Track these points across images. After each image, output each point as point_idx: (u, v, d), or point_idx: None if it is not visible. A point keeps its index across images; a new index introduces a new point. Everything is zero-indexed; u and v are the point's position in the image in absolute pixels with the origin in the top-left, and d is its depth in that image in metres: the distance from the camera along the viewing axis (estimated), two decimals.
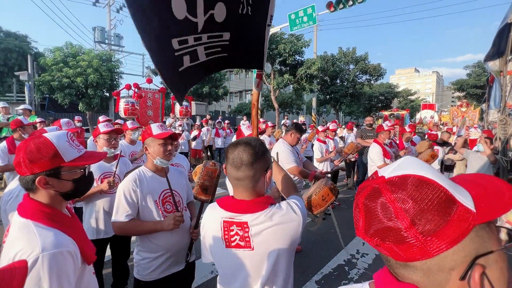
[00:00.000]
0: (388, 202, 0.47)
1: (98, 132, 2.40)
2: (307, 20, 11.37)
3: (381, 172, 0.52)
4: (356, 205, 0.54)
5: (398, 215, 0.45)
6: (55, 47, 14.46)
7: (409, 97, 40.68)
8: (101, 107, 15.76)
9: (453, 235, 0.43)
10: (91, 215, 2.26)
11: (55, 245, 0.87)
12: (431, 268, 0.45)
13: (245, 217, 1.06)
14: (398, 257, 0.47)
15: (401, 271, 0.49)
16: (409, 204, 0.45)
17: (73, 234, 0.96)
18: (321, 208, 1.81)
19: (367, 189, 0.52)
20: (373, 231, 0.49)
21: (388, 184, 0.49)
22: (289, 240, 1.08)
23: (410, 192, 0.46)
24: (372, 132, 6.04)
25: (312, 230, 4.40)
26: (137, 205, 1.62)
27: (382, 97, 30.55)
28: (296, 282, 3.05)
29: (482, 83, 27.77)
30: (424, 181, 0.46)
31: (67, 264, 0.89)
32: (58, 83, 13.46)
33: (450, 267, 0.44)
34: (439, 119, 17.90)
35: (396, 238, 0.46)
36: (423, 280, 0.47)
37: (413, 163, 0.50)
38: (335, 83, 23.87)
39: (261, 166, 1.08)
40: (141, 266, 1.66)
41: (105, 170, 2.35)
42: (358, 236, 0.54)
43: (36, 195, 0.98)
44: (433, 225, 0.43)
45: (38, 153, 0.94)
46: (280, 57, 15.75)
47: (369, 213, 0.49)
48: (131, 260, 3.06)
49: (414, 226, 0.44)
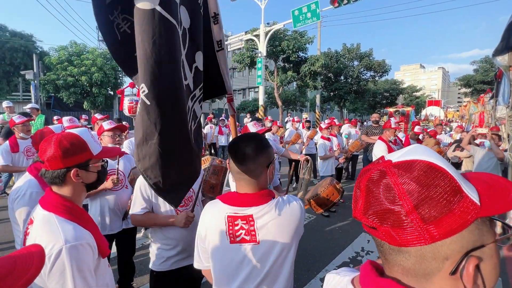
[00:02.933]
0: (392, 184, 0.46)
1: (102, 130, 2.41)
2: (311, 16, 11.23)
3: (388, 157, 0.51)
4: (358, 186, 0.53)
5: (402, 198, 0.45)
6: (59, 46, 14.59)
7: (414, 93, 40.23)
8: (106, 106, 15.89)
9: (453, 225, 0.43)
10: (96, 211, 2.28)
11: (76, 237, 0.94)
12: (425, 255, 0.45)
13: (250, 210, 1.06)
14: (393, 241, 0.47)
15: (394, 257, 0.49)
16: (414, 188, 0.44)
17: (89, 228, 1.03)
18: (326, 207, 1.81)
19: (371, 171, 0.51)
20: (371, 212, 0.48)
21: (395, 167, 0.48)
22: (293, 233, 1.09)
23: (418, 176, 0.45)
24: (378, 129, 5.97)
25: (317, 228, 4.39)
26: (151, 199, 1.72)
27: (387, 93, 30.24)
28: (300, 279, 3.06)
29: (489, 79, 27.29)
30: (433, 168, 0.46)
31: (87, 255, 0.96)
32: (63, 82, 13.61)
33: (445, 256, 0.44)
34: (445, 116, 17.67)
35: (395, 221, 0.45)
36: (415, 267, 0.46)
37: (423, 150, 0.49)
38: (339, 80, 23.68)
39: (264, 160, 1.10)
40: (155, 256, 1.76)
41: (110, 167, 2.34)
42: (355, 217, 0.53)
43: (61, 189, 1.05)
44: (436, 212, 0.43)
45: (72, 147, 1.03)
46: (284, 54, 15.67)
47: (371, 194, 0.49)
48: (136, 258, 3.09)
49: (417, 210, 0.44)
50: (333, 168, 5.13)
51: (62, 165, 1.02)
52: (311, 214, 4.78)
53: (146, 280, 2.96)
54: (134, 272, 2.68)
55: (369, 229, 0.51)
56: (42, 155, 1.03)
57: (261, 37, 12.82)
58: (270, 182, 1.15)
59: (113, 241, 2.42)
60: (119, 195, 2.33)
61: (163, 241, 1.75)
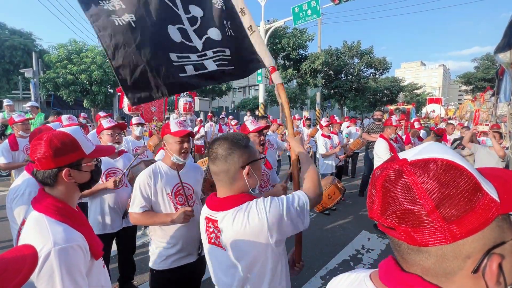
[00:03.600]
0: (411, 184, 0.45)
1: (102, 128, 2.40)
2: (311, 13, 11.14)
3: (403, 155, 0.50)
4: (373, 186, 0.51)
5: (422, 198, 0.44)
6: (59, 44, 14.52)
7: (415, 91, 40.10)
8: (106, 104, 15.86)
9: (475, 223, 0.42)
10: (96, 210, 2.28)
11: (66, 239, 0.91)
12: (446, 254, 0.44)
13: (218, 214, 1.04)
14: (412, 241, 0.46)
15: (413, 257, 0.48)
16: (435, 187, 0.44)
17: (82, 229, 1.00)
18: (327, 206, 1.80)
19: (387, 170, 0.49)
20: (390, 213, 0.47)
21: (412, 166, 0.47)
22: (260, 244, 0.99)
23: (437, 175, 0.44)
24: (379, 127, 5.96)
25: (317, 226, 4.39)
26: (150, 198, 1.72)
27: (388, 91, 30.14)
28: (301, 277, 3.06)
29: (490, 76, 27.16)
30: (452, 166, 0.45)
31: (78, 257, 0.93)
32: (62, 80, 13.56)
33: (467, 255, 0.43)
34: (445, 113, 17.63)
35: (415, 221, 0.44)
36: (435, 267, 0.46)
37: (439, 147, 0.49)
38: (340, 78, 23.58)
39: (237, 160, 1.04)
40: (155, 255, 1.76)
41: (109, 166, 2.35)
42: (371, 218, 0.52)
43: (53, 189, 1.02)
44: (457, 211, 0.42)
45: (63, 147, 1.00)
46: (284, 51, 15.59)
47: (388, 194, 0.48)
48: (136, 256, 3.09)
49: (438, 210, 0.43)
50: (334, 166, 5.12)
51: (53, 164, 0.99)
52: (312, 212, 4.78)
53: (146, 278, 2.96)
54: (135, 270, 2.68)
55: (386, 229, 0.50)
56: (32, 155, 1.00)
57: (261, 34, 12.75)
58: (252, 186, 1.09)
59: (114, 239, 2.42)
60: (119, 194, 2.32)
61: (163, 239, 1.75)
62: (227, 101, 34.46)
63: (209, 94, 19.53)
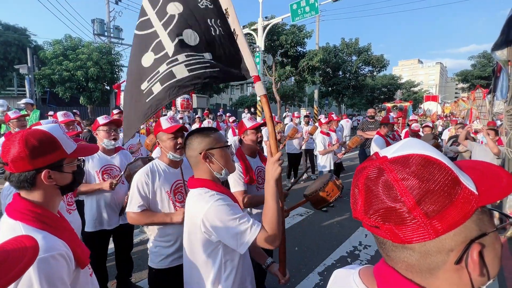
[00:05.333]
0: (392, 181, 0.45)
1: (98, 125, 2.37)
2: (309, 10, 11.09)
3: (383, 153, 0.50)
4: (355, 185, 0.51)
5: (403, 195, 0.44)
6: (54, 40, 14.33)
7: (412, 88, 40.26)
8: (102, 101, 15.72)
9: (456, 217, 0.43)
10: (92, 207, 2.26)
11: (45, 249, 0.82)
12: (430, 250, 0.44)
13: (190, 191, 1.28)
14: (396, 238, 0.46)
15: (397, 254, 0.48)
16: (415, 183, 0.43)
17: (64, 236, 0.92)
18: (325, 203, 1.80)
19: (368, 168, 0.50)
20: (373, 212, 0.47)
21: (391, 163, 0.47)
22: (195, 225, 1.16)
23: (416, 171, 0.44)
24: (373, 124, 5.99)
25: (315, 222, 4.41)
26: (148, 197, 1.70)
27: (385, 88, 30.21)
28: (299, 273, 3.08)
29: (487, 74, 27.35)
30: (430, 161, 0.45)
31: (60, 267, 0.84)
32: (58, 77, 13.40)
33: (450, 248, 0.44)
34: (442, 111, 17.71)
35: (398, 218, 0.44)
36: (419, 263, 0.46)
37: (417, 144, 0.49)
38: (337, 75, 23.57)
39: (196, 147, 1.23)
40: (154, 254, 1.75)
41: (106, 162, 2.33)
42: (355, 218, 0.51)
43: (31, 194, 0.93)
44: (438, 206, 0.42)
45: (41, 147, 0.90)
46: (282, 48, 15.54)
47: (370, 193, 0.48)
48: (134, 253, 3.09)
49: (419, 206, 0.43)
50: (332, 163, 5.14)
51: (31, 166, 0.89)
52: (309, 209, 4.80)
53: (144, 275, 2.95)
54: (133, 267, 2.67)
55: (371, 228, 0.50)
56: (4, 156, 0.88)
57: (259, 31, 12.68)
58: (216, 170, 1.25)
59: (110, 236, 2.41)
60: (115, 191, 2.30)
61: (161, 238, 1.73)
62: (224, 98, 34.34)
63: (207, 91, 19.43)
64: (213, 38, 1.38)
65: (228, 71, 1.40)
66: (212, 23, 1.39)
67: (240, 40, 1.40)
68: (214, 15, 1.41)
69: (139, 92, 1.35)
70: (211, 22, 1.39)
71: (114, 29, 19.01)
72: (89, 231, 2.27)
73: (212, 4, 1.41)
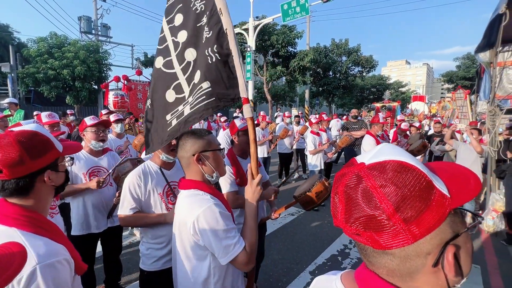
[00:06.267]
0: (371, 189, 0.46)
1: (85, 125, 2.31)
2: (300, 10, 11.15)
3: (360, 159, 0.51)
4: (335, 193, 0.52)
5: (382, 202, 0.44)
6: (38, 37, 13.86)
7: (400, 89, 41.11)
8: (90, 100, 15.34)
9: (432, 221, 0.44)
10: (79, 210, 2.20)
11: (50, 254, 0.79)
12: (409, 254, 0.45)
13: (180, 192, 1.26)
14: (377, 245, 0.46)
15: (378, 260, 0.49)
16: (392, 190, 0.44)
17: (63, 242, 0.88)
18: (314, 204, 1.80)
19: (346, 176, 0.50)
20: (353, 220, 0.47)
21: (369, 169, 0.48)
22: (185, 227, 1.13)
23: (393, 178, 0.45)
24: (357, 124, 6.14)
25: (305, 222, 4.44)
26: (141, 199, 1.67)
27: (374, 89, 30.73)
28: (290, 272, 3.09)
29: (471, 75, 28.21)
30: (405, 167, 0.46)
31: (65, 272, 0.83)
32: (43, 75, 12.97)
33: (427, 252, 0.45)
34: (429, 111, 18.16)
35: (377, 225, 0.45)
36: (399, 267, 0.47)
37: (392, 149, 0.50)
38: (328, 75, 23.82)
39: (189, 149, 1.21)
40: (145, 256, 1.71)
41: (93, 164, 2.27)
42: (337, 226, 0.52)
43: (25, 199, 0.86)
44: (415, 211, 0.43)
45: (38, 147, 0.86)
46: (273, 48, 15.57)
47: (350, 201, 0.48)
48: (122, 256, 3.03)
49: (398, 212, 0.43)
50: (322, 162, 5.18)
51: (31, 169, 0.84)
52: (300, 209, 4.83)
53: (133, 278, 2.90)
54: (121, 271, 2.62)
55: (352, 235, 0.50)
56: None
57: (250, 31, 12.66)
58: (208, 173, 1.23)
59: (98, 240, 2.36)
60: (103, 193, 2.25)
61: (153, 240, 1.70)
62: None
63: None
64: (210, 66, 1.38)
65: (224, 94, 1.38)
66: (209, 52, 1.37)
67: (235, 61, 1.35)
68: (210, 43, 1.37)
69: (165, 122, 1.50)
70: (207, 51, 1.38)
71: (102, 27, 18.59)
72: (75, 235, 2.21)
73: (210, 32, 1.38)
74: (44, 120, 2.87)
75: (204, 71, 1.39)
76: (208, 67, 1.38)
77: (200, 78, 1.41)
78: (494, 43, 3.64)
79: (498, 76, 3.85)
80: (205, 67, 1.39)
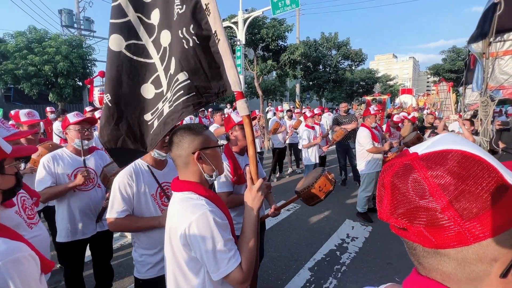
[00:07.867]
0: (422, 179, 0.41)
1: (68, 123, 2.12)
2: (290, 3, 10.96)
3: (413, 149, 0.46)
4: (381, 183, 0.47)
5: (434, 193, 0.39)
6: (16, 31, 13.14)
7: (388, 82, 41.72)
8: (74, 97, 14.75)
9: (499, 221, 0.37)
10: (64, 215, 2.04)
11: (13, 250, 0.75)
12: (468, 257, 0.39)
13: (173, 194, 1.13)
14: (428, 243, 0.41)
15: (430, 261, 0.43)
16: (448, 181, 0.39)
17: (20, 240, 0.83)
18: (318, 199, 1.73)
19: (395, 166, 0.46)
20: (400, 212, 0.42)
21: (422, 160, 0.43)
22: (177, 241, 0.99)
23: (451, 168, 0.40)
24: (347, 118, 6.15)
25: (302, 217, 4.40)
26: (132, 200, 1.55)
27: (363, 82, 31.01)
28: (289, 270, 3.03)
29: (456, 68, 28.84)
30: (469, 157, 0.40)
31: (32, 268, 0.79)
32: (23, 72, 12.33)
33: (493, 258, 0.38)
34: (416, 104, 18.50)
35: (428, 219, 0.39)
36: (456, 272, 0.40)
37: (454, 138, 0.44)
38: (318, 69, 23.83)
39: (187, 146, 1.07)
40: (139, 264, 1.61)
41: (79, 165, 2.10)
42: (381, 218, 0.47)
43: None
44: (476, 207, 0.37)
45: None
46: (263, 42, 15.38)
47: (397, 191, 0.43)
48: (114, 260, 2.88)
49: (453, 206, 0.38)
50: (317, 156, 5.15)
51: None
52: (297, 204, 4.78)
53: (126, 283, 2.77)
54: (113, 277, 2.48)
55: (398, 231, 0.45)
56: None
57: (240, 24, 12.40)
58: (208, 172, 1.10)
59: (87, 245, 2.20)
60: (91, 196, 2.10)
61: (147, 245, 1.59)
62: None
63: None
64: (187, 52, 1.14)
65: (206, 88, 1.16)
66: (184, 34, 1.13)
67: (224, 45, 1.12)
68: (185, 21, 1.13)
69: (143, 122, 1.33)
70: (182, 33, 1.13)
71: (85, 21, 17.84)
72: (61, 242, 2.05)
73: (183, 6, 1.13)
74: (22, 119, 2.63)
75: (179, 58, 1.15)
76: (183, 54, 1.13)
77: (176, 67, 1.16)
78: (487, 33, 3.63)
79: (491, 67, 3.86)
80: (180, 54, 1.14)
